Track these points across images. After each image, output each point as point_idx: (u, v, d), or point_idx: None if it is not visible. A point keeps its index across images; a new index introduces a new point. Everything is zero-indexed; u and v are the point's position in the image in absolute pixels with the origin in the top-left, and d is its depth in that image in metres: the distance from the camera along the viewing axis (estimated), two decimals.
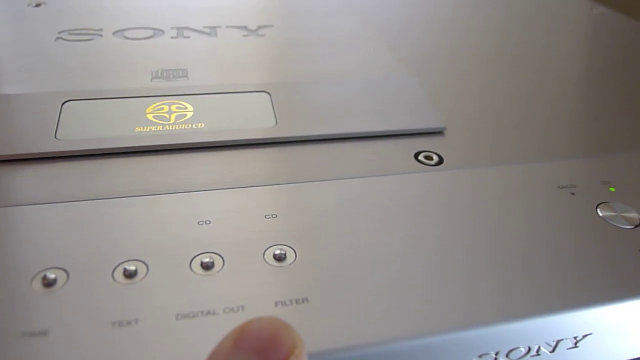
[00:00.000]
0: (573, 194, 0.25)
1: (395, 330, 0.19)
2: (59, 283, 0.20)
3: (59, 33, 0.38)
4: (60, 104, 0.28)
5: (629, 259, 0.22)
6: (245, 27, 0.40)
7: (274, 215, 0.23)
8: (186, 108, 0.29)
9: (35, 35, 0.37)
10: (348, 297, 0.20)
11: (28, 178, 0.25)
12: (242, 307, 0.19)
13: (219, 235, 0.22)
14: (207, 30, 0.39)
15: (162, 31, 0.39)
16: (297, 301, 0.19)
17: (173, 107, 0.29)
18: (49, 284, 0.19)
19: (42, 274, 0.20)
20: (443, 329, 0.19)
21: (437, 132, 0.30)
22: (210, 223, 0.22)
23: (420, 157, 0.28)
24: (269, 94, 0.31)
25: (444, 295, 0.20)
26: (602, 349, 0.22)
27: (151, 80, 0.32)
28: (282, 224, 0.23)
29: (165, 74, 0.32)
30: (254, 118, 0.29)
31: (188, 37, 0.38)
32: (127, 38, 0.37)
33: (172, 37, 0.38)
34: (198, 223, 0.22)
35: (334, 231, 0.22)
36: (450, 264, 0.21)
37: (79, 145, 0.26)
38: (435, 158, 0.28)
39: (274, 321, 0.16)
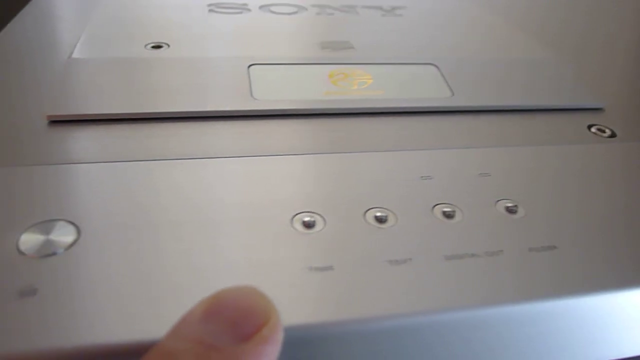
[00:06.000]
0: None
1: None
2: (318, 226, 0.20)
3: (208, 6, 0.39)
4: (247, 67, 0.29)
5: None
6: (380, 8, 0.41)
7: (487, 174, 0.24)
8: (365, 76, 0.30)
9: (187, 7, 0.38)
10: (592, 246, 0.21)
11: (232, 134, 0.25)
12: (501, 251, 0.20)
13: (445, 190, 0.23)
14: (346, 9, 0.41)
15: (305, 8, 0.40)
16: (546, 248, 0.20)
17: (353, 75, 0.30)
18: (308, 225, 0.20)
19: (299, 217, 0.21)
20: None
21: (597, 109, 0.31)
22: (432, 179, 0.23)
23: (593, 130, 0.29)
24: (436, 66, 0.32)
25: None
26: None
27: (322, 50, 0.32)
28: (499, 182, 0.24)
29: (332, 45, 0.33)
30: (429, 88, 0.30)
31: (332, 14, 0.39)
32: (274, 12, 0.38)
33: (316, 14, 0.39)
34: (421, 178, 0.23)
35: (546, 191, 0.23)
36: None
37: (277, 105, 0.27)
38: (608, 131, 0.29)
39: (248, 290, 0.15)
